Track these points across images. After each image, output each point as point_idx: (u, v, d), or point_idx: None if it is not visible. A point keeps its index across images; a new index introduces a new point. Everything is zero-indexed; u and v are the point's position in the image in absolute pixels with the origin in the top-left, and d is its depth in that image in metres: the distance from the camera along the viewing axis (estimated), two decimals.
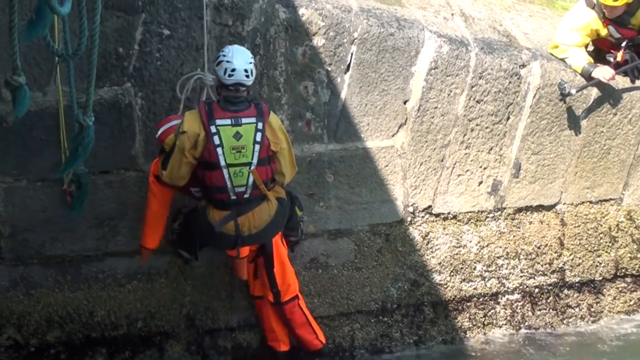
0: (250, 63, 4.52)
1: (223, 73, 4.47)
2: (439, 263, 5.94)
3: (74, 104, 4.09)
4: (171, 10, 4.82)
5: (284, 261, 5.13)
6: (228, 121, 4.44)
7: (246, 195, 4.58)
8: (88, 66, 3.35)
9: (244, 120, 4.47)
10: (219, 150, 4.43)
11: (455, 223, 5.95)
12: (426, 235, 5.87)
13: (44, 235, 5.01)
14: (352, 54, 5.26)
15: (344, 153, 5.46)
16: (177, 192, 4.88)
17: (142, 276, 5.29)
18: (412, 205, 5.76)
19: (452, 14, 5.89)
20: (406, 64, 5.40)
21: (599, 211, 6.40)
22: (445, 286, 6.01)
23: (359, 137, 5.47)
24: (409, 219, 5.80)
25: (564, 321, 6.44)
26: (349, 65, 5.27)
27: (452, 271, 5.99)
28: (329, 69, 5.23)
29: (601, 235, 6.41)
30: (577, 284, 6.45)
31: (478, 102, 5.64)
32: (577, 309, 6.48)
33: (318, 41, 5.15)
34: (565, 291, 6.44)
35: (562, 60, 5.91)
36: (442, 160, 5.73)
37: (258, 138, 4.48)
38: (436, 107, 5.55)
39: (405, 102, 5.50)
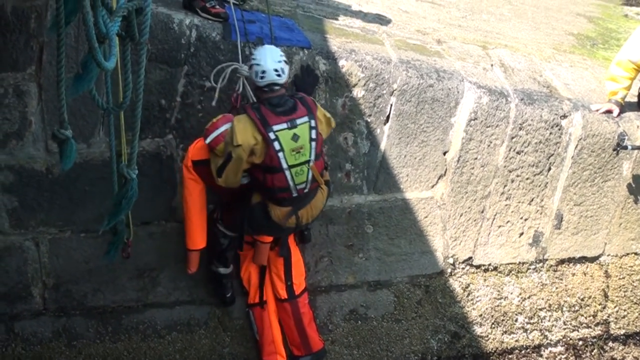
0: (280, 62, 4.49)
1: (255, 76, 4.50)
2: (480, 315, 5.86)
3: (113, 156, 4.11)
4: (213, 63, 4.86)
5: (297, 251, 5.20)
6: (284, 125, 4.41)
7: (306, 190, 4.61)
8: (132, 119, 3.38)
9: (298, 122, 4.45)
10: (281, 154, 4.42)
11: (496, 275, 5.87)
12: (467, 287, 5.80)
13: (86, 286, 5.05)
14: (391, 105, 5.26)
15: (383, 204, 5.45)
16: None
17: (181, 327, 5.30)
18: (452, 257, 5.71)
19: (492, 65, 5.88)
20: (446, 115, 5.39)
21: None
22: (487, 338, 5.92)
23: (399, 188, 5.45)
24: (449, 270, 5.74)
25: None
26: (388, 117, 5.27)
27: (493, 323, 5.90)
28: (369, 120, 5.23)
29: None
30: (622, 337, 6.32)
31: (518, 153, 5.60)
32: None
33: (358, 92, 5.16)
34: (610, 344, 6.31)
35: (611, 79, 5.79)
36: (482, 212, 5.67)
37: (313, 135, 4.49)
38: (476, 158, 5.52)
39: (444, 153, 5.48)
